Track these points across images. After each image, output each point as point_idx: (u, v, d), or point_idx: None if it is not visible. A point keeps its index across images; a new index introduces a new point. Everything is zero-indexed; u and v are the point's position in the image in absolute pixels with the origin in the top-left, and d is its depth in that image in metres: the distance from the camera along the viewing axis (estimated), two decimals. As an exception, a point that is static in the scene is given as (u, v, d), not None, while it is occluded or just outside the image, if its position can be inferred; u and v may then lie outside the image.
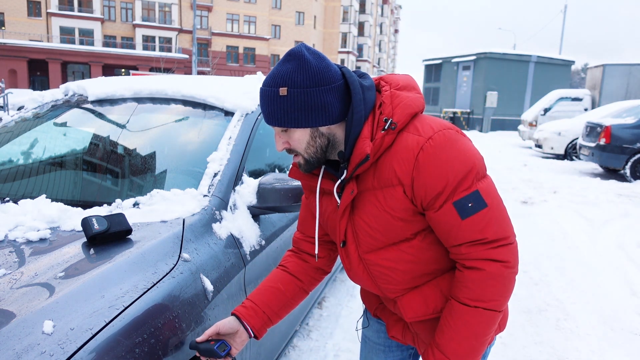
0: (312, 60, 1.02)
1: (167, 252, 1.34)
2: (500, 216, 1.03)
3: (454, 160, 1.01)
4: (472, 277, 1.02)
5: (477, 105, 21.64)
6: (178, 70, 34.60)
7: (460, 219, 1.01)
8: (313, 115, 1.04)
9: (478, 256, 1.02)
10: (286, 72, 1.02)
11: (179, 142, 2.05)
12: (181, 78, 2.53)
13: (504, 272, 1.01)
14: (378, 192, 1.08)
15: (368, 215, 1.10)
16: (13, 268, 1.17)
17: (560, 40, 30.40)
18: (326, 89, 1.03)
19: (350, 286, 3.46)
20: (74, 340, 0.96)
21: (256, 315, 1.24)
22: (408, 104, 1.06)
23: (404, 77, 1.16)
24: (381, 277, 1.15)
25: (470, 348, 1.04)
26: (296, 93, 1.01)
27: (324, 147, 1.10)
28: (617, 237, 4.85)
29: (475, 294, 1.02)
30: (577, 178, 8.61)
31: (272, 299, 1.27)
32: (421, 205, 1.05)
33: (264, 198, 1.74)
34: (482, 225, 1.01)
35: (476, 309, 1.02)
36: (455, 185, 1.01)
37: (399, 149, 1.04)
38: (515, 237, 1.06)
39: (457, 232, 1.02)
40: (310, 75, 1.01)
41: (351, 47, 52.02)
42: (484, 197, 1.02)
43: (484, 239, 1.01)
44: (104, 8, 37.46)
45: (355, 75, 1.09)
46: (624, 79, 16.45)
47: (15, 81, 30.42)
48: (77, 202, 1.69)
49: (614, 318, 3.06)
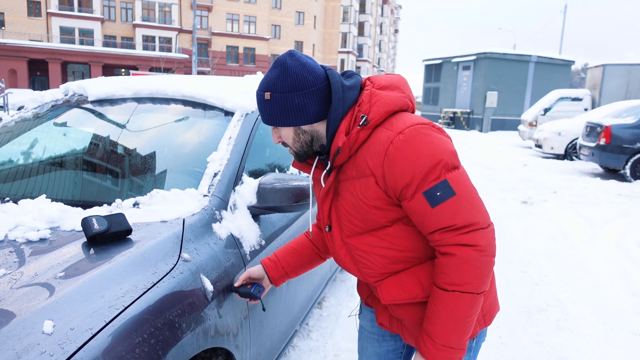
0: (292, 67, 1.15)
1: (167, 252, 1.34)
2: (469, 204, 1.10)
3: (421, 153, 1.09)
4: (447, 262, 1.10)
5: (477, 105, 21.64)
6: (178, 70, 34.60)
7: (430, 207, 1.09)
8: (292, 116, 1.18)
9: (450, 242, 1.09)
10: (271, 79, 1.18)
11: (179, 142, 2.05)
12: (181, 78, 2.53)
13: (475, 255, 1.08)
14: (355, 182, 1.19)
15: (347, 203, 1.22)
16: (13, 268, 1.17)
17: (560, 40, 30.40)
18: (304, 92, 1.16)
19: (350, 286, 3.46)
20: (74, 340, 0.96)
21: (276, 268, 1.50)
22: (385, 102, 1.16)
23: (390, 77, 1.25)
24: (361, 261, 1.26)
25: (453, 331, 1.11)
26: (277, 98, 1.17)
27: (308, 142, 1.24)
28: (617, 237, 4.85)
29: (451, 279, 1.09)
30: (577, 178, 8.61)
31: (291, 258, 1.51)
32: (395, 195, 1.14)
33: (264, 198, 1.74)
34: (452, 212, 1.08)
35: (454, 293, 1.10)
36: (423, 176, 1.09)
37: (373, 143, 1.15)
38: (487, 222, 1.11)
39: (429, 219, 1.10)
40: (290, 82, 1.15)
41: (351, 47, 52.02)
42: (453, 186, 1.09)
43: (453, 225, 1.09)
44: (104, 8, 37.45)
45: (339, 77, 1.20)
46: (624, 79, 16.45)
47: (15, 81, 30.42)
48: (77, 202, 1.69)
49: (614, 318, 3.06)
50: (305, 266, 1.53)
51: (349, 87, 1.20)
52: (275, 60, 1.18)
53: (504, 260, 4.11)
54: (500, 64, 21.57)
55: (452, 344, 1.12)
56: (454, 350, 1.13)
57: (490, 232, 1.12)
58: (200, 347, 1.27)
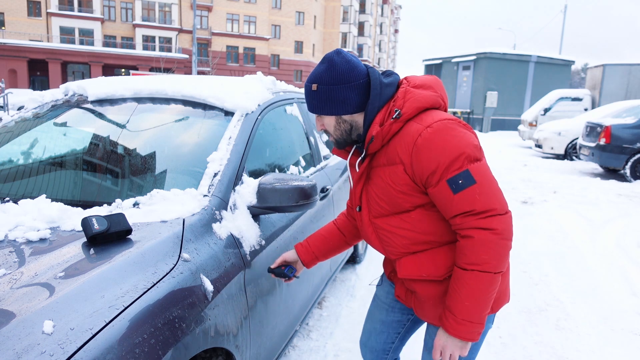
0: (338, 62, 1.31)
1: (167, 252, 1.34)
2: (489, 192, 1.22)
3: (446, 145, 1.22)
4: (466, 244, 1.22)
5: (477, 105, 21.64)
6: (178, 70, 34.59)
7: (452, 193, 1.22)
8: (335, 106, 1.34)
9: (469, 225, 1.22)
10: (318, 72, 1.33)
11: (179, 142, 2.05)
12: (181, 78, 2.53)
13: (493, 238, 1.20)
14: (386, 169, 1.34)
15: (377, 187, 1.37)
16: (13, 268, 1.17)
17: (560, 40, 30.40)
18: (347, 86, 1.31)
19: (350, 286, 3.46)
20: (74, 340, 0.96)
21: (307, 252, 1.69)
22: (417, 99, 1.30)
23: (424, 77, 1.40)
24: (385, 239, 1.42)
25: (472, 306, 1.23)
26: (323, 89, 1.33)
27: (348, 130, 1.39)
28: (617, 237, 4.85)
29: (470, 259, 1.21)
30: (577, 178, 8.61)
31: (320, 244, 1.69)
32: (421, 183, 1.27)
33: (264, 198, 1.74)
34: (472, 199, 1.21)
35: (473, 272, 1.22)
36: (447, 165, 1.21)
37: (404, 135, 1.29)
38: (505, 209, 1.23)
39: (451, 205, 1.23)
40: (335, 75, 1.30)
41: (351, 47, 52.00)
42: (474, 175, 1.21)
43: (473, 210, 1.21)
44: (104, 8, 37.44)
45: (378, 74, 1.35)
46: (624, 79, 16.44)
47: (15, 81, 30.41)
48: (77, 202, 1.69)
49: (614, 318, 3.06)
50: (333, 251, 1.71)
51: (386, 84, 1.34)
52: (324, 56, 1.34)
53: (504, 260, 4.11)
54: (500, 64, 21.56)
55: (471, 319, 1.24)
56: (473, 324, 1.25)
57: (508, 218, 1.23)
58: (200, 347, 1.27)
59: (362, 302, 3.19)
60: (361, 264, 3.90)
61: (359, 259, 3.88)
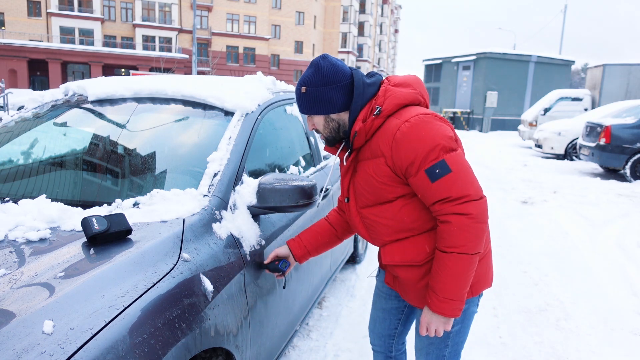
0: (324, 66, 1.42)
1: (167, 252, 1.34)
2: (464, 179, 1.32)
3: (422, 137, 1.32)
4: (445, 228, 1.32)
5: (477, 105, 21.63)
6: (178, 70, 34.58)
7: (430, 182, 1.32)
8: (323, 106, 1.44)
9: (447, 211, 1.31)
10: (306, 76, 1.45)
11: (179, 142, 2.05)
12: (181, 78, 2.53)
13: (469, 222, 1.29)
14: (370, 162, 1.44)
15: (362, 179, 1.48)
16: (13, 268, 1.17)
17: (560, 40, 30.39)
18: (333, 87, 1.42)
19: (350, 286, 3.46)
20: (74, 340, 0.96)
21: (299, 247, 1.74)
22: (397, 96, 1.41)
23: (404, 76, 1.51)
24: (370, 228, 1.52)
25: (452, 285, 1.34)
26: (311, 91, 1.44)
27: (336, 128, 1.49)
28: (617, 237, 4.85)
29: (449, 242, 1.31)
30: (577, 178, 8.61)
31: (312, 239, 1.75)
32: (401, 173, 1.37)
33: (264, 198, 1.74)
34: (448, 186, 1.30)
35: (452, 254, 1.32)
36: (424, 156, 1.31)
37: (385, 130, 1.39)
38: (479, 195, 1.33)
39: (430, 193, 1.33)
40: (321, 77, 1.42)
41: (351, 47, 52.00)
42: (450, 165, 1.31)
43: (449, 197, 1.30)
44: (104, 8, 37.43)
45: (362, 76, 1.46)
46: (624, 79, 16.43)
47: (15, 81, 30.40)
48: (77, 202, 1.69)
49: (614, 318, 3.06)
50: (325, 246, 1.78)
51: (369, 84, 1.45)
52: (311, 61, 1.45)
53: (504, 260, 4.11)
54: (500, 64, 21.56)
55: (452, 297, 1.34)
56: (454, 302, 1.35)
57: (483, 203, 1.33)
58: (200, 347, 1.27)
59: (362, 302, 3.19)
60: (361, 264, 3.90)
61: (359, 259, 3.88)
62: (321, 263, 2.57)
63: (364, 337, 2.72)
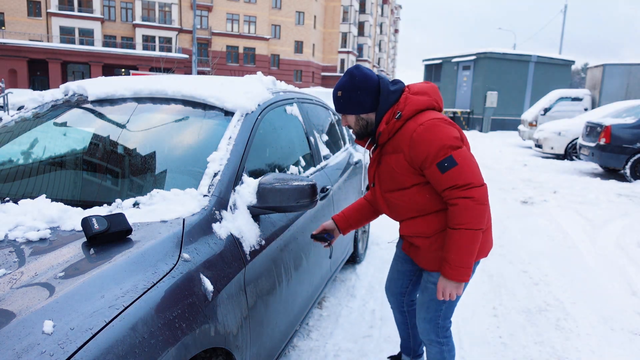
0: (356, 75, 1.75)
1: (167, 252, 1.34)
2: (468, 170, 1.64)
3: (434, 138, 1.64)
4: (453, 210, 1.65)
5: (477, 105, 21.62)
6: (178, 70, 34.58)
7: (441, 173, 1.64)
8: (354, 107, 1.78)
9: (455, 196, 1.64)
10: (342, 83, 1.77)
11: (179, 142, 2.05)
12: (181, 78, 2.53)
13: (472, 204, 1.62)
14: (392, 156, 1.78)
15: (385, 169, 1.83)
16: (13, 268, 1.17)
17: (560, 40, 30.38)
18: (362, 92, 1.75)
19: (350, 286, 3.46)
20: (74, 340, 0.96)
21: (343, 221, 2.12)
22: (414, 104, 1.74)
23: (422, 85, 1.83)
24: (392, 207, 1.89)
25: (461, 255, 1.66)
26: (345, 95, 1.77)
27: (364, 126, 1.82)
28: (617, 237, 4.85)
29: (457, 221, 1.64)
30: (577, 178, 8.61)
31: (354, 214, 2.13)
32: (418, 167, 1.70)
33: (264, 198, 1.74)
34: (455, 176, 1.63)
35: (459, 230, 1.64)
36: (435, 153, 1.63)
37: (404, 131, 1.72)
38: (481, 183, 1.65)
39: (440, 182, 1.66)
40: (353, 84, 1.75)
41: (351, 47, 51.99)
42: (456, 159, 1.63)
43: (456, 185, 1.63)
44: (104, 8, 37.43)
45: (387, 83, 1.78)
46: (624, 79, 16.43)
47: (15, 81, 30.40)
48: (77, 202, 1.69)
49: (614, 318, 3.06)
50: (364, 219, 2.14)
51: (392, 92, 1.77)
52: (346, 70, 1.79)
53: (504, 260, 4.11)
54: (500, 64, 21.54)
55: (462, 265, 1.66)
56: (463, 269, 1.67)
57: (483, 189, 1.65)
58: (200, 347, 1.27)
59: (362, 302, 3.19)
60: (361, 264, 3.90)
61: (359, 259, 3.88)
62: (321, 263, 2.57)
63: (364, 337, 2.72)
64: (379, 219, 2.32)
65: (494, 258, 4.16)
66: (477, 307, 3.17)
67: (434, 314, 1.91)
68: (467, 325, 2.91)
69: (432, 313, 1.91)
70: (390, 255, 4.12)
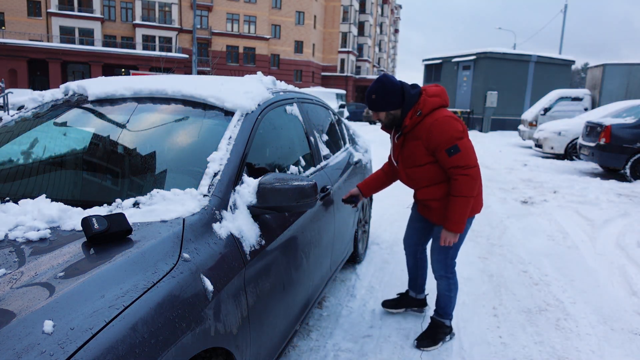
0: (385, 81, 2.38)
1: (167, 252, 1.34)
2: (467, 156, 2.32)
3: (445, 131, 2.31)
4: (455, 183, 2.33)
5: (477, 105, 21.61)
6: (178, 70, 34.58)
7: (448, 157, 2.32)
8: (385, 106, 2.40)
9: (456, 173, 2.32)
10: (374, 87, 2.39)
11: (179, 142, 2.05)
12: (181, 78, 2.52)
13: (468, 179, 2.31)
14: (412, 142, 2.43)
15: (407, 152, 2.48)
16: (13, 268, 1.17)
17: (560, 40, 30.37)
18: (391, 94, 2.37)
19: (350, 286, 3.46)
20: (74, 340, 0.96)
21: (365, 187, 2.83)
22: (431, 104, 2.38)
23: (435, 89, 2.46)
24: (411, 179, 2.56)
25: (459, 214, 2.36)
26: (378, 97, 2.38)
27: (392, 119, 2.46)
28: (617, 237, 4.85)
29: (457, 190, 2.33)
30: (577, 178, 8.61)
31: (374, 181, 2.84)
32: (431, 151, 2.36)
33: (264, 198, 1.74)
34: (457, 159, 2.31)
35: (458, 197, 2.33)
36: (444, 142, 2.30)
37: (423, 124, 2.37)
38: (475, 164, 2.35)
39: (447, 163, 2.33)
40: (384, 89, 2.37)
41: (351, 46, 51.99)
42: (460, 147, 2.31)
43: (458, 165, 2.31)
44: (104, 8, 37.43)
45: (408, 87, 2.42)
46: (624, 79, 16.43)
47: (15, 81, 30.40)
48: (77, 201, 1.68)
49: (614, 318, 3.06)
50: (381, 186, 2.85)
51: (412, 95, 2.39)
52: (377, 77, 2.42)
53: (504, 260, 4.11)
54: (500, 63, 21.52)
55: (458, 220, 2.36)
56: (460, 223, 2.37)
57: (477, 168, 2.36)
58: (200, 346, 1.27)
59: (362, 302, 3.19)
60: (361, 264, 3.90)
61: (359, 259, 3.88)
62: (321, 263, 2.57)
63: (364, 337, 2.72)
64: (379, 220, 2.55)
65: (494, 258, 4.16)
66: (477, 307, 3.17)
67: (444, 255, 2.59)
68: (467, 325, 2.91)
69: (443, 255, 2.59)
70: (391, 256, 4.13)
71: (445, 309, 2.69)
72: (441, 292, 2.69)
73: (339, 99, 24.80)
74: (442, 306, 2.70)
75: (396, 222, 5.13)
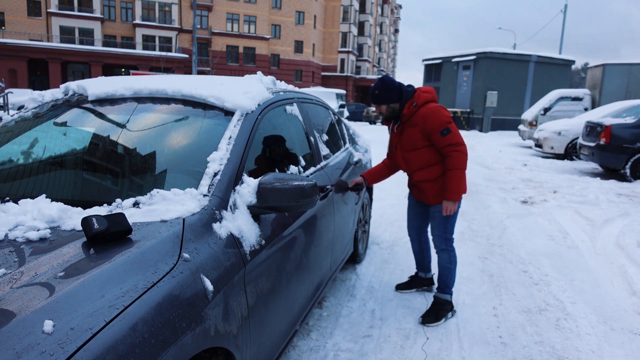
0: (386, 80, 2.88)
1: (167, 251, 1.34)
2: (456, 136, 2.75)
3: (437, 117, 2.76)
4: (449, 159, 2.75)
5: (477, 105, 21.62)
6: (178, 70, 34.58)
7: (442, 137, 2.74)
8: (386, 100, 2.87)
9: (450, 150, 2.74)
10: (378, 85, 2.87)
11: (179, 142, 2.05)
12: (181, 78, 2.52)
13: (459, 154, 2.74)
14: (410, 129, 2.87)
15: (405, 138, 2.91)
16: (13, 268, 1.17)
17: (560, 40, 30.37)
18: (391, 90, 2.85)
19: (350, 286, 3.46)
20: (74, 340, 0.96)
21: (369, 176, 3.22)
22: (424, 98, 2.84)
23: (427, 87, 2.91)
24: (408, 162, 2.96)
25: (456, 185, 2.75)
26: (380, 92, 2.86)
27: (391, 112, 2.91)
28: (617, 237, 4.85)
29: (452, 165, 2.74)
30: (577, 178, 8.61)
31: (375, 173, 3.23)
32: (427, 135, 2.78)
33: (264, 198, 1.74)
34: (449, 139, 2.74)
35: (454, 170, 2.74)
36: (437, 126, 2.74)
37: (418, 113, 2.81)
38: (463, 142, 2.77)
39: (441, 142, 2.75)
40: (385, 86, 2.86)
41: (351, 46, 51.97)
42: (451, 129, 2.74)
43: (450, 144, 2.74)
44: (104, 8, 37.42)
45: (405, 86, 2.89)
46: (624, 79, 16.42)
47: (15, 81, 30.39)
48: (77, 201, 1.68)
49: (614, 318, 3.06)
50: (383, 177, 3.23)
51: (408, 91, 2.87)
52: (379, 78, 2.89)
53: (504, 260, 4.11)
54: (500, 63, 21.53)
55: (456, 190, 2.76)
56: (458, 193, 2.78)
57: (465, 146, 2.78)
58: (200, 347, 1.27)
59: (362, 302, 3.19)
60: (361, 264, 3.90)
61: (359, 259, 3.88)
62: (321, 263, 2.57)
63: (364, 337, 2.72)
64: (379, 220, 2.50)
65: (494, 258, 4.16)
66: (477, 307, 3.17)
67: (443, 230, 2.95)
68: (467, 325, 2.91)
69: (441, 230, 2.95)
70: (391, 256, 4.13)
71: (446, 282, 3.02)
72: (443, 264, 3.01)
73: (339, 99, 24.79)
74: (443, 280, 3.03)
75: (396, 222, 5.13)
